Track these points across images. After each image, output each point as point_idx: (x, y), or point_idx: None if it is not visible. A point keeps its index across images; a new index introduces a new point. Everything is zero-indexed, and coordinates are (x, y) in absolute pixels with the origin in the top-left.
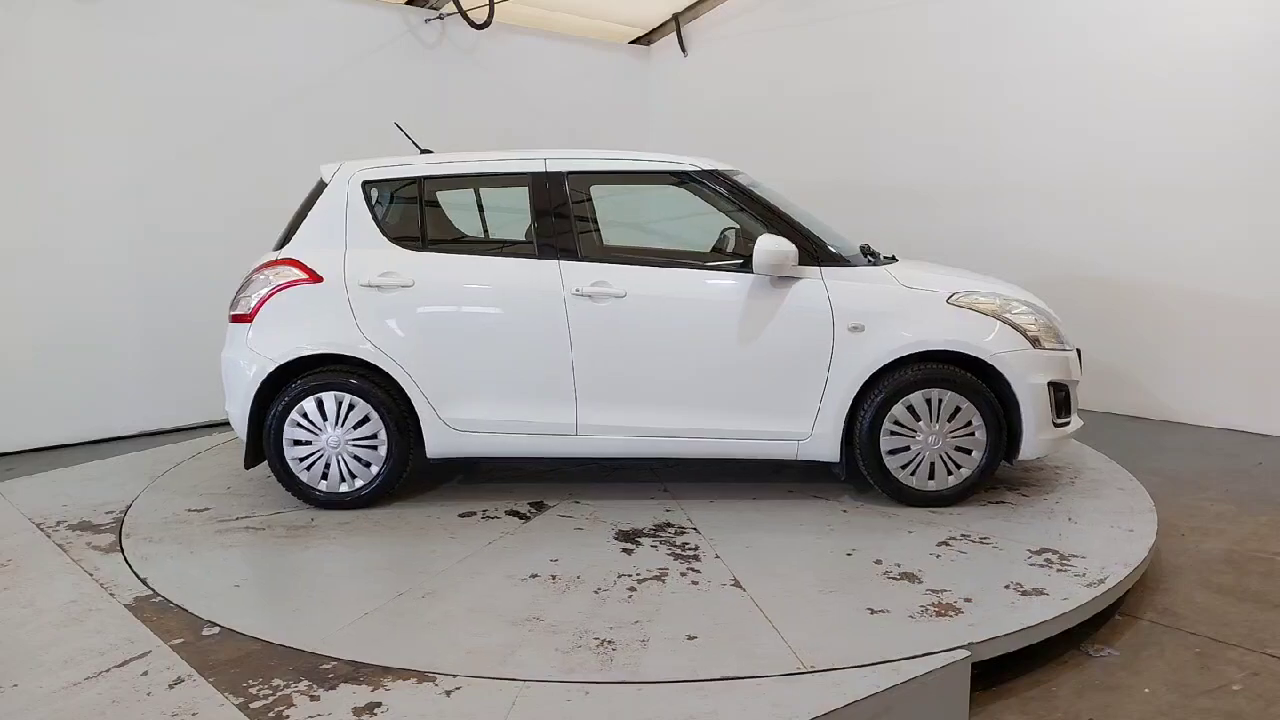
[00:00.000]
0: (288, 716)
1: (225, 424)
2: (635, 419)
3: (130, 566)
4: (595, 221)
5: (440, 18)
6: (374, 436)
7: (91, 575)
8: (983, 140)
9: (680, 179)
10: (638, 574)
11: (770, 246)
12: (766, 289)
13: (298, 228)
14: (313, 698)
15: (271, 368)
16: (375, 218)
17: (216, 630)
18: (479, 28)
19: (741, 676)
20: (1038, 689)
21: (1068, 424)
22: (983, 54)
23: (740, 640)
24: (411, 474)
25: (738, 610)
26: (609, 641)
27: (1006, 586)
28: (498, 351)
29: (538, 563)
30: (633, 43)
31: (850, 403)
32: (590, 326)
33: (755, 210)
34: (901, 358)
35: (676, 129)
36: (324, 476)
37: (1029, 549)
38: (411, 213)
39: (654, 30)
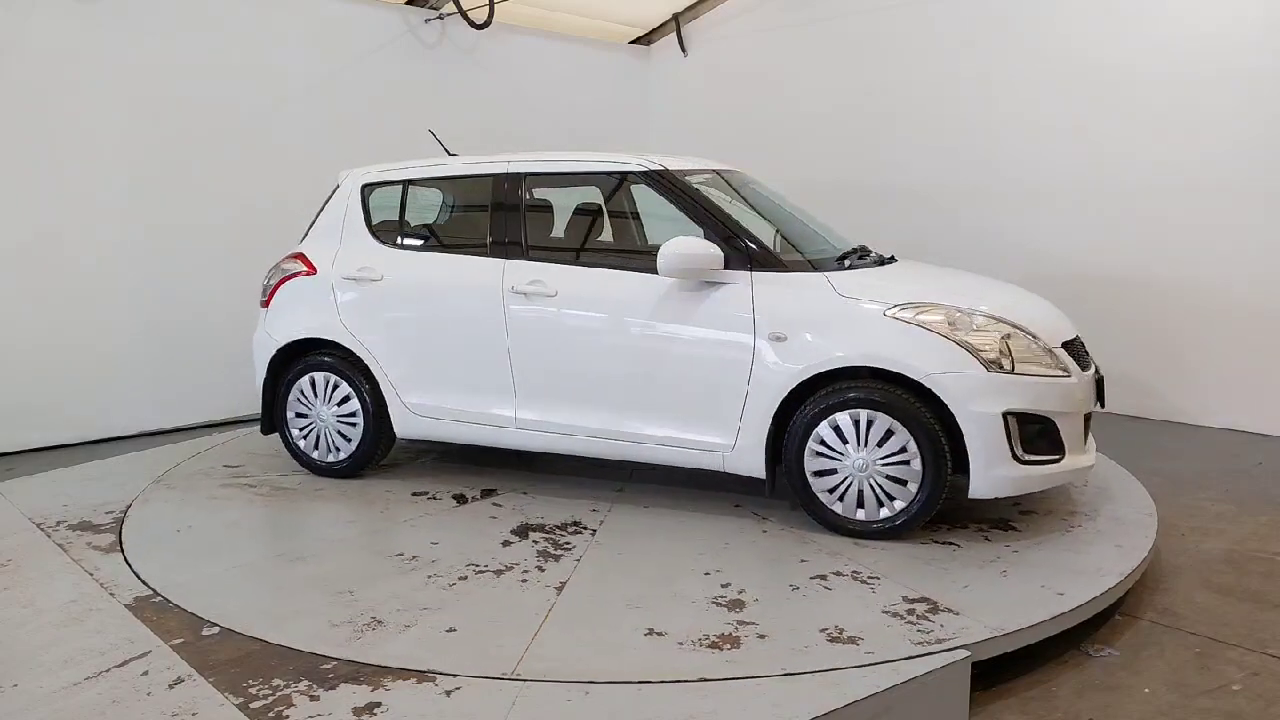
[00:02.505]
0: (288, 716)
1: (225, 423)
2: (567, 417)
3: (130, 565)
4: (550, 220)
5: (440, 18)
6: (353, 414)
7: (91, 575)
8: (983, 139)
9: (627, 179)
10: (485, 566)
11: (674, 249)
12: (692, 292)
13: (313, 225)
14: (313, 698)
15: (277, 347)
16: (367, 217)
17: (216, 630)
18: (479, 28)
19: (742, 677)
20: (1038, 689)
21: (1054, 462)
22: (983, 53)
23: (491, 639)
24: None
25: (527, 612)
26: (379, 621)
27: (823, 629)
28: (449, 344)
29: (416, 544)
30: (633, 43)
31: (773, 416)
32: (525, 324)
33: (695, 210)
34: (834, 372)
35: (676, 129)
36: (316, 447)
37: (906, 595)
38: (394, 213)
39: (654, 30)
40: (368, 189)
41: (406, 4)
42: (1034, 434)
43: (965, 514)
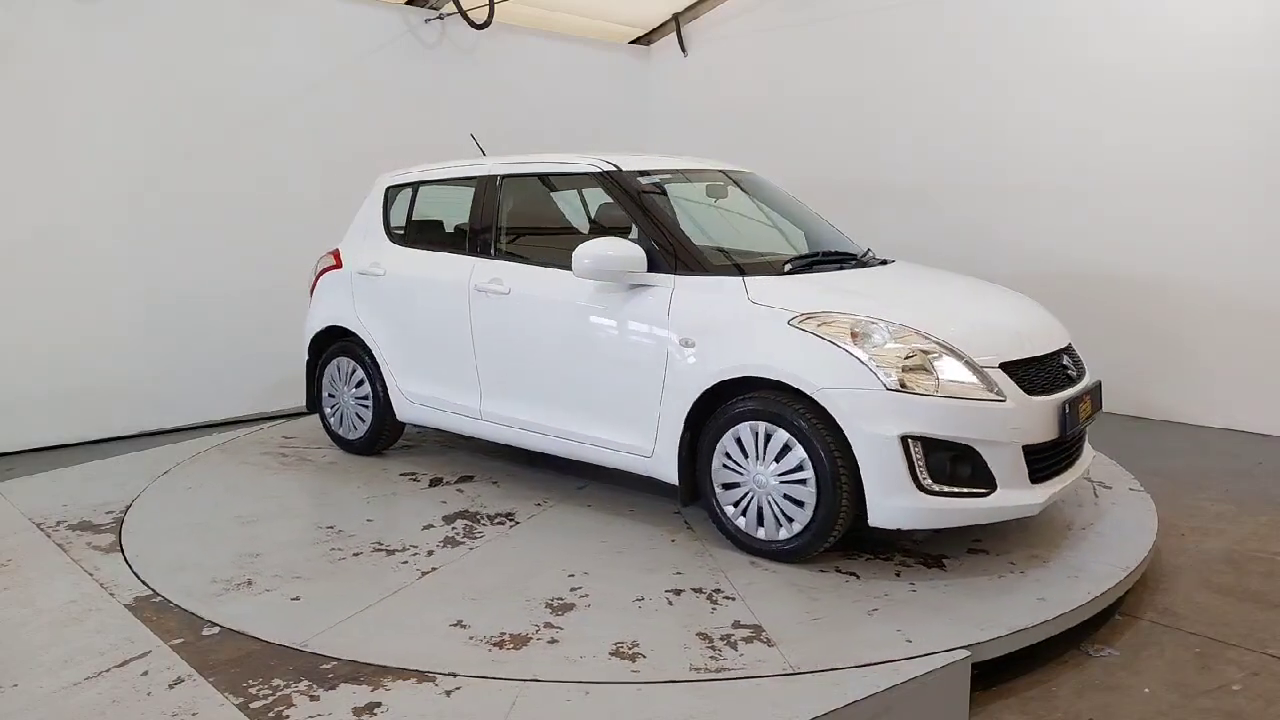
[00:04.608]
0: (288, 716)
1: (225, 423)
2: (521, 413)
3: (130, 565)
4: (518, 220)
5: (440, 18)
6: (366, 397)
7: (91, 575)
8: (983, 139)
9: (583, 180)
10: (386, 545)
11: (588, 251)
12: (620, 293)
13: (351, 225)
14: (313, 698)
15: (312, 333)
16: (385, 217)
17: (216, 630)
18: (479, 28)
19: (742, 676)
20: (1038, 689)
21: (978, 495)
22: (983, 53)
23: (313, 612)
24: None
25: (373, 592)
26: (249, 583)
27: (617, 643)
28: (431, 337)
29: (353, 519)
30: (633, 43)
31: (683, 424)
32: (485, 320)
33: (635, 211)
34: (742, 380)
35: (676, 129)
36: (341, 424)
37: (739, 621)
38: (403, 212)
39: (654, 30)
40: (391, 190)
41: (406, 4)
42: (945, 462)
43: (904, 544)
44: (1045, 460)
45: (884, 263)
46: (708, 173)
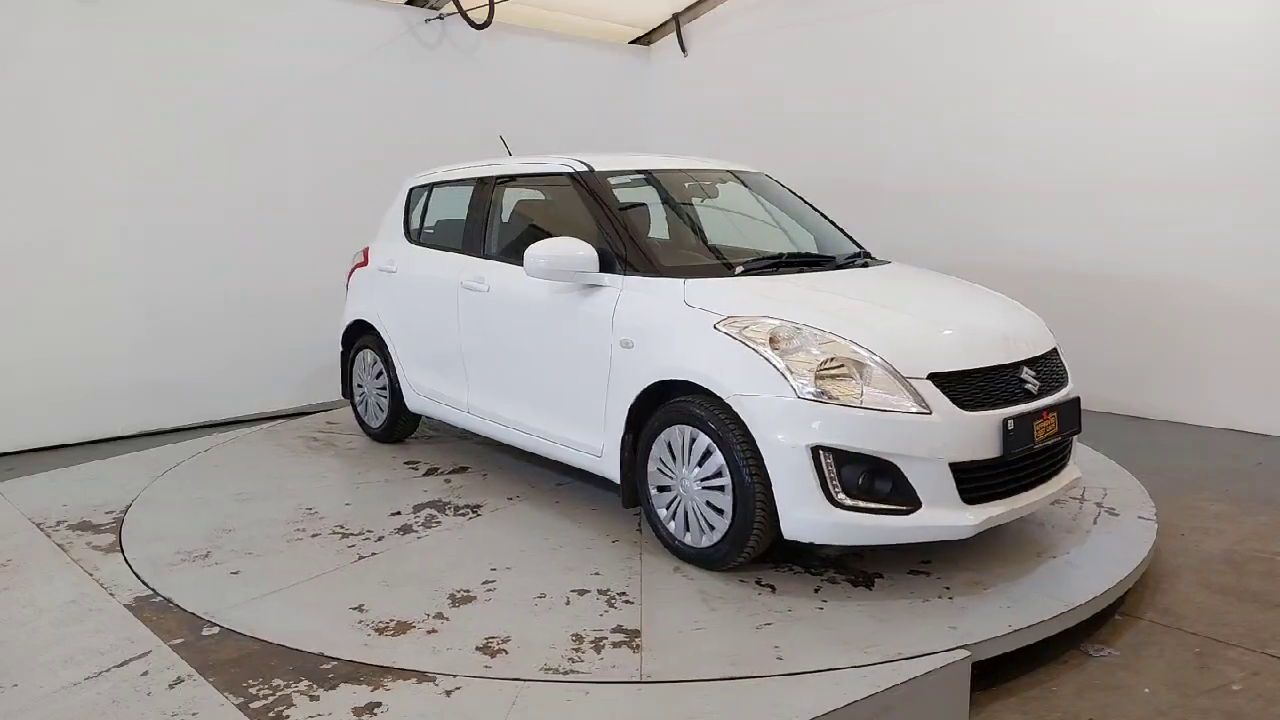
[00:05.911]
0: (288, 716)
1: (226, 423)
2: (499, 408)
3: (130, 566)
4: (508, 221)
5: (440, 18)
6: (384, 388)
7: (91, 575)
8: (985, 139)
9: (558, 180)
10: (346, 529)
11: (537, 251)
12: (576, 293)
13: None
14: (313, 698)
15: (344, 326)
16: (405, 217)
17: (216, 630)
18: (479, 28)
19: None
20: (1038, 689)
21: (899, 513)
22: (983, 53)
23: (245, 589)
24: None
25: (305, 573)
26: (206, 557)
27: (490, 637)
28: (430, 332)
29: (333, 503)
30: (633, 43)
31: (624, 425)
32: (469, 317)
33: (597, 211)
34: (674, 383)
35: (676, 129)
36: (366, 412)
37: (623, 625)
38: (420, 212)
39: (654, 30)
40: (413, 191)
41: (406, 4)
42: (861, 476)
43: (843, 561)
44: (985, 480)
45: (866, 264)
46: (702, 172)
